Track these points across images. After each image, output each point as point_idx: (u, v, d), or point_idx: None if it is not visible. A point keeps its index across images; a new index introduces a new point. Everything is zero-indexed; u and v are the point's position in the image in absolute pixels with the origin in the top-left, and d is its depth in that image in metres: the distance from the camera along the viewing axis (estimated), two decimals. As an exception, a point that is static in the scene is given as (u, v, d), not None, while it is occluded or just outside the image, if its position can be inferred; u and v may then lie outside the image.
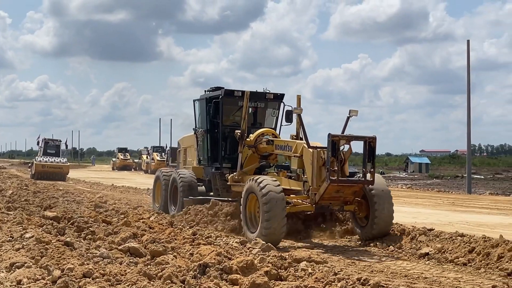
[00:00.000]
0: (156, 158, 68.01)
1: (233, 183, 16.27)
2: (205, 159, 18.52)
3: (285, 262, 9.46)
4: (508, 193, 35.01)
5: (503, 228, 15.69)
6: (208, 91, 18.70)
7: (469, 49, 36.42)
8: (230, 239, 12.61)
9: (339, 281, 8.07)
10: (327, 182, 12.70)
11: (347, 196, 13.49)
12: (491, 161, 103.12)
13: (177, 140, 22.79)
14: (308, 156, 13.44)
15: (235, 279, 8.01)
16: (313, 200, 13.36)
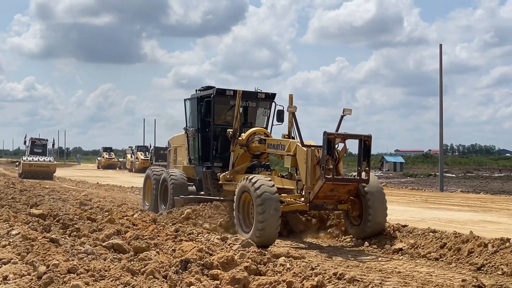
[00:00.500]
0: (140, 157, 68.00)
1: (225, 182, 15.83)
2: (196, 158, 18.01)
3: (264, 258, 9.46)
4: (478, 191, 35.27)
5: (473, 225, 15.81)
6: (199, 91, 18.20)
7: (442, 53, 36.65)
8: (212, 236, 12.54)
9: (316, 276, 8.08)
10: (322, 181, 12.30)
11: (342, 195, 13.02)
12: (462, 160, 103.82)
13: (167, 140, 22.21)
14: (301, 154, 13.03)
15: (215, 274, 8.00)
16: (307, 199, 12.92)
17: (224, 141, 16.63)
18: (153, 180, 18.98)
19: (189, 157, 18.48)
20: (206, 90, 17.67)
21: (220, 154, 17.14)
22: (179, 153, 19.98)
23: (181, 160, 19.56)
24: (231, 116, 16.52)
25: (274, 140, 15.17)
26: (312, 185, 12.70)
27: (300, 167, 13.26)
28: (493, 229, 15.06)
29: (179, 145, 19.94)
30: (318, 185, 12.50)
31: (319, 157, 12.56)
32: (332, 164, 12.24)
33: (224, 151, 16.88)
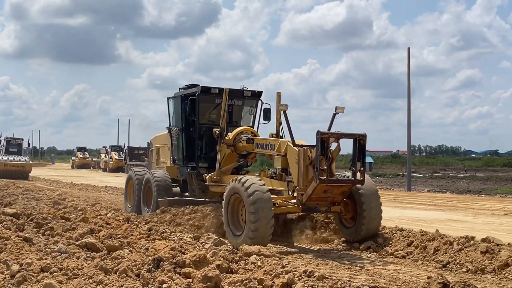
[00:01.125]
0: (114, 157, 67.77)
1: (211, 183, 15.06)
2: (180, 158, 17.15)
3: (236, 256, 9.45)
4: (444, 190, 35.64)
5: (439, 223, 16.00)
6: (183, 89, 17.30)
7: (410, 56, 37.03)
8: (184, 235, 12.48)
9: (286, 273, 8.09)
10: (316, 182, 11.53)
11: (335, 196, 12.29)
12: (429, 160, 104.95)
13: (149, 139, 21.08)
14: (293, 155, 12.28)
15: (188, 272, 7.97)
16: (300, 201, 12.16)
17: (210, 140, 15.89)
18: (136, 181, 18.05)
19: (172, 157, 17.64)
20: (190, 88, 16.86)
21: (205, 154, 16.36)
22: (162, 153, 19.06)
23: (164, 160, 18.68)
24: (216, 114, 15.89)
25: (263, 139, 14.37)
26: (304, 186, 11.98)
27: (291, 168, 12.50)
28: (458, 228, 15.25)
29: (162, 145, 19.05)
30: (312, 186, 11.79)
31: (312, 158, 11.85)
32: (326, 164, 11.53)
33: (210, 151, 16.13)
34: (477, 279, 9.69)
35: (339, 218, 13.17)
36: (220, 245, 10.83)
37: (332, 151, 11.81)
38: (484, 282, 9.40)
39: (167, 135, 18.00)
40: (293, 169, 12.29)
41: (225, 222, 12.73)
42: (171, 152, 17.67)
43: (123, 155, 66.46)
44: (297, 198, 12.28)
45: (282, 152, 12.83)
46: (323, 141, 11.55)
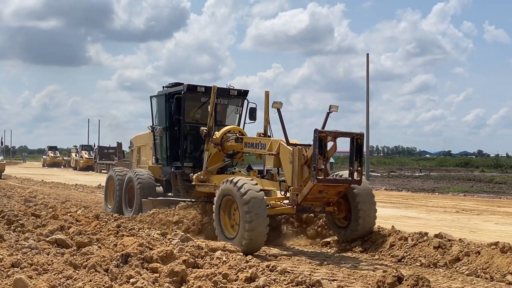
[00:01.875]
0: (84, 156, 67.17)
1: (198, 183, 14.11)
2: (164, 158, 16.25)
3: (202, 252, 9.43)
4: (400, 188, 36.03)
5: (395, 220, 16.17)
6: (167, 87, 16.42)
7: (368, 62, 37.27)
8: (152, 231, 12.40)
9: (250, 268, 8.12)
10: (313, 182, 10.75)
11: (331, 196, 11.59)
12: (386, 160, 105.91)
13: (129, 139, 19.92)
14: (286, 154, 11.54)
15: (155, 268, 7.93)
16: (295, 202, 11.41)
17: (195, 140, 15.30)
18: (117, 181, 17.07)
19: (155, 157, 16.72)
20: (175, 87, 16.00)
21: (190, 153, 15.59)
22: (143, 153, 18.16)
23: (146, 160, 17.84)
24: (201, 114, 15.26)
25: (253, 138, 13.47)
26: (299, 186, 11.26)
27: (284, 167, 11.77)
28: (413, 224, 15.47)
29: (143, 145, 18.18)
30: (308, 186, 11.05)
31: (308, 157, 11.14)
32: (323, 164, 10.79)
33: (195, 151, 15.49)
34: (430, 272, 9.83)
35: (331, 218, 12.46)
36: (187, 241, 10.78)
37: (327, 151, 11.14)
38: (436, 276, 9.55)
39: (149, 135, 17.22)
40: (287, 168, 11.62)
41: (217, 225, 11.85)
42: (154, 151, 16.82)
43: (93, 154, 66.15)
44: (291, 199, 11.52)
45: (274, 151, 12.08)
46: (321, 139, 10.81)
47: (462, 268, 9.93)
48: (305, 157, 11.19)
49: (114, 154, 60.31)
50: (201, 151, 14.85)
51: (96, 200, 22.81)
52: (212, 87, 14.09)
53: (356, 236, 12.02)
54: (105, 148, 64.25)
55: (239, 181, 11.24)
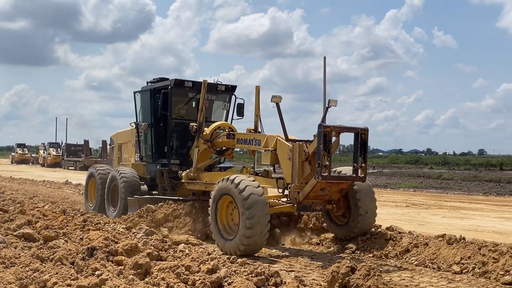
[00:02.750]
0: (52, 153, 66.36)
1: (188, 180, 13.03)
2: (149, 155, 15.01)
3: (166, 245, 9.38)
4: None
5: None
6: (151, 83, 15.17)
7: (325, 65, 37.70)
8: (118, 225, 12.26)
9: (212, 260, 8.10)
10: (317, 179, 9.80)
11: (333, 194, 10.68)
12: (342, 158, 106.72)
13: (110, 136, 18.42)
14: (284, 150, 10.64)
15: (120, 260, 7.85)
16: (296, 200, 10.42)
17: (182, 136, 14.33)
18: (99, 179, 15.82)
19: (139, 154, 15.40)
20: (160, 82, 14.79)
21: (176, 150, 14.52)
22: (125, 150, 16.84)
23: (128, 158, 16.54)
24: (186, 110, 14.37)
25: (246, 134, 12.49)
26: (300, 184, 10.35)
27: (282, 164, 10.83)
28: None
29: (125, 142, 16.88)
30: (311, 184, 10.11)
31: (309, 153, 10.28)
32: (328, 160, 9.84)
33: (182, 147, 14.46)
34: (382, 263, 9.97)
35: (329, 216, 11.60)
36: (151, 235, 10.71)
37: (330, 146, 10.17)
38: (388, 266, 9.69)
39: (131, 131, 16.15)
40: (285, 165, 10.68)
41: (213, 225, 10.77)
42: (138, 148, 15.54)
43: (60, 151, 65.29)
44: (292, 197, 10.49)
45: (270, 147, 11.13)
46: (325, 135, 9.87)
47: (412, 258, 10.09)
48: (306, 153, 10.33)
49: (81, 152, 59.66)
50: (188, 148, 14.18)
51: (63, 196, 22.48)
52: (202, 82, 13.04)
53: (356, 234, 11.21)
54: (72, 145, 63.53)
55: (236, 178, 10.29)
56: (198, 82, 13.82)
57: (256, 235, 9.84)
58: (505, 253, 9.11)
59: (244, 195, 9.89)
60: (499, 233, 13.24)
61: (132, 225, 12.03)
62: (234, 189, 10.12)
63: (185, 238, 10.33)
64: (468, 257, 9.47)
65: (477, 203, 22.47)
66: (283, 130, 11.02)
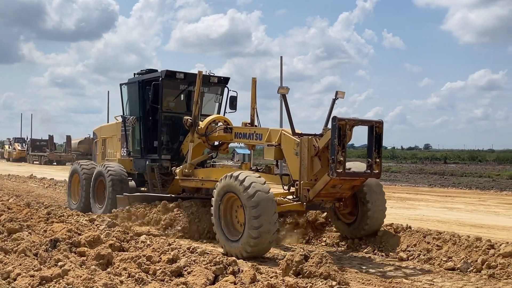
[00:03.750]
0: (17, 148, 65.03)
1: (182, 177, 11.82)
2: (137, 150, 13.71)
3: (128, 236, 9.24)
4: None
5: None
6: (139, 74, 13.83)
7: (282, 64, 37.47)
8: (81, 217, 12.01)
9: (172, 250, 8.02)
10: (332, 176, 8.69)
11: (344, 191, 9.58)
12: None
13: (93, 130, 16.92)
14: (290, 145, 9.54)
15: (82, 251, 7.71)
16: (306, 198, 9.25)
17: (173, 130, 13.11)
18: (83, 175, 14.48)
19: (127, 149, 14.00)
20: (149, 73, 13.49)
21: (167, 145, 13.24)
22: (109, 145, 15.36)
23: (113, 153, 15.09)
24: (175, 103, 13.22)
25: (245, 128, 11.25)
26: (309, 180, 9.25)
27: (288, 160, 9.70)
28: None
29: (109, 136, 15.40)
30: (323, 180, 9.01)
31: (319, 147, 9.18)
32: (343, 155, 8.77)
33: (173, 142, 13.17)
34: (333, 250, 10.07)
35: (335, 214, 10.57)
36: (113, 227, 10.56)
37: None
38: (339, 254, 9.87)
39: (116, 125, 14.81)
40: (292, 161, 9.57)
41: (216, 225, 9.63)
42: (125, 143, 14.11)
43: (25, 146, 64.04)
44: (301, 194, 9.30)
45: (274, 142, 10.01)
46: (340, 128, 8.79)
47: (362, 247, 10.21)
48: (316, 148, 9.21)
49: (46, 146, 58.58)
50: (180, 143, 12.99)
51: (28, 190, 22.04)
52: (197, 73, 11.78)
53: (365, 233, 10.26)
54: (37, 140, 62.34)
55: (241, 175, 9.17)
56: (190, 73, 12.87)
57: (263, 235, 8.68)
58: (447, 241, 9.33)
59: (249, 193, 8.77)
60: (443, 222, 13.51)
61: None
62: (239, 186, 8.99)
63: (147, 230, 10.21)
64: (414, 244, 9.65)
65: (422, 194, 22.89)
66: (290, 123, 9.78)
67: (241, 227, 9.19)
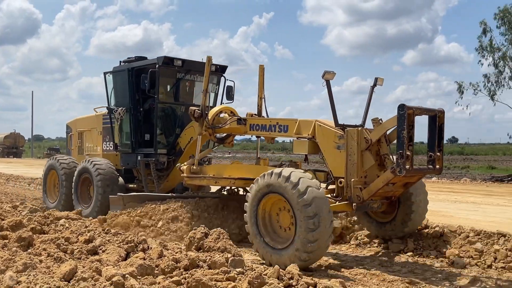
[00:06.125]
0: None
1: (190, 175, 9.36)
2: (126, 144, 11.25)
3: (48, 220, 8.91)
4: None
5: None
6: (127, 62, 11.37)
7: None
8: (4, 205, 11.26)
9: (89, 232, 7.82)
10: (399, 174, 6.70)
11: (397, 189, 7.62)
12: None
13: (66, 123, 14.04)
14: (330, 137, 7.55)
15: (5, 235, 7.35)
16: (359, 198, 7.20)
17: (169, 122, 10.93)
18: (62, 171, 11.97)
19: (113, 143, 11.57)
20: (139, 61, 11.13)
21: (162, 138, 10.93)
22: (88, 139, 12.76)
23: (93, 147, 12.51)
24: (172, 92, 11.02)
25: (264, 119, 8.88)
26: (360, 178, 7.29)
27: (327, 154, 7.63)
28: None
29: (87, 129, 12.78)
30: (384, 178, 7.01)
31: (371, 140, 7.23)
32: (410, 150, 6.80)
33: (168, 135, 10.89)
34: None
35: (365, 213, 8.51)
36: (35, 212, 10.10)
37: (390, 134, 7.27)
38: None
39: (96, 117, 12.32)
40: (332, 155, 7.56)
41: (253, 231, 7.36)
42: (108, 136, 11.82)
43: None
44: (353, 194, 7.25)
45: (306, 134, 7.91)
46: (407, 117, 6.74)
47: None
48: (368, 141, 7.26)
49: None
50: (176, 136, 10.75)
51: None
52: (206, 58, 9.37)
53: (406, 232, 8.31)
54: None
55: (285, 171, 7.06)
56: (188, 60, 10.78)
57: (321, 240, 6.71)
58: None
59: (300, 190, 6.72)
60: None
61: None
62: (284, 184, 6.88)
63: (66, 214, 9.82)
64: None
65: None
66: (332, 113, 7.61)
67: (285, 232, 7.15)
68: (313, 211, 6.62)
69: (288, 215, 7.06)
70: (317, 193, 6.73)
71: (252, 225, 7.36)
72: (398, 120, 6.73)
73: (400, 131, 6.70)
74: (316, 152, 7.95)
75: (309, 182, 6.81)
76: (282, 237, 7.19)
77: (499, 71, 31.96)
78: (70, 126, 13.70)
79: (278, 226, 7.28)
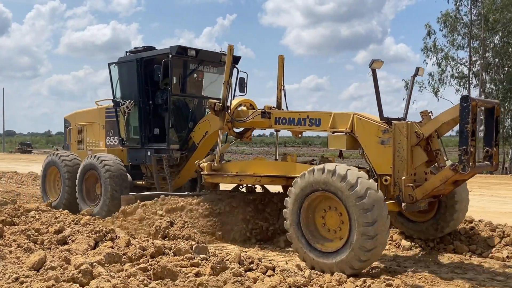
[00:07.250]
0: None
1: (211, 172, 8.18)
2: (134, 139, 10.10)
3: (18, 212, 8.62)
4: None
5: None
6: (133, 52, 10.17)
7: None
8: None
9: (58, 223, 7.64)
10: (465, 171, 5.69)
11: (447, 187, 6.51)
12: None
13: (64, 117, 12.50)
14: (372, 132, 6.56)
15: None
16: (411, 198, 6.16)
17: (181, 116, 9.73)
18: (64, 168, 10.72)
19: (119, 138, 10.38)
20: (148, 51, 9.96)
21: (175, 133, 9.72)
22: (89, 133, 11.46)
23: (95, 142, 11.27)
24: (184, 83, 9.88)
25: (292, 113, 7.69)
26: (411, 175, 6.28)
27: (368, 150, 6.62)
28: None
29: (88, 123, 11.47)
30: (441, 176, 6.00)
31: (423, 135, 6.22)
32: (474, 145, 5.82)
33: (181, 129, 9.69)
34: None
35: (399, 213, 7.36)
36: (5, 205, 9.74)
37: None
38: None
39: (98, 111, 11.13)
40: (374, 151, 6.58)
41: (296, 235, 6.23)
42: (113, 131, 10.62)
43: None
44: (404, 193, 6.20)
45: (344, 128, 6.87)
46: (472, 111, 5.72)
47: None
48: (419, 135, 6.26)
49: None
50: (189, 130, 9.57)
51: None
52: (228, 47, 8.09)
53: (446, 232, 7.36)
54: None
55: (340, 168, 5.92)
56: (202, 50, 9.66)
57: (377, 249, 5.72)
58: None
59: (359, 192, 5.68)
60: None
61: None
62: (339, 183, 5.80)
63: (36, 206, 9.52)
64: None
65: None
66: (378, 105, 6.60)
67: (331, 234, 6.16)
68: (373, 217, 5.60)
69: (336, 215, 6.06)
70: (377, 196, 5.70)
71: (293, 226, 6.24)
72: (461, 113, 5.72)
73: (464, 124, 5.68)
74: (356, 147, 6.93)
75: (368, 184, 5.77)
76: (327, 240, 6.14)
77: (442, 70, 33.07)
78: (69, 120, 12.27)
79: (323, 227, 6.21)
